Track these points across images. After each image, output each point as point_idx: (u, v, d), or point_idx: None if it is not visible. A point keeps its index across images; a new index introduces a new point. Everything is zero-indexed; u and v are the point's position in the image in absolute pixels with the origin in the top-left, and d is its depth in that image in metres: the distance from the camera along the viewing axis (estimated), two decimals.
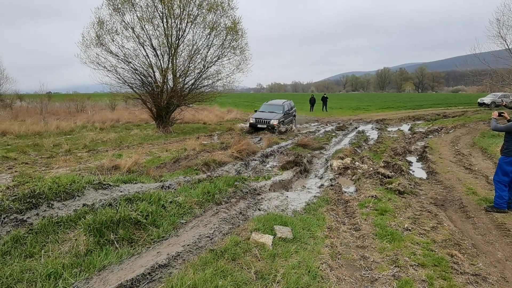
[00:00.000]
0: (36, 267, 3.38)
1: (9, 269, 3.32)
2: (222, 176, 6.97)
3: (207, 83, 17.31)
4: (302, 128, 19.22)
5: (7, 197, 4.31)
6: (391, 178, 7.44)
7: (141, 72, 15.83)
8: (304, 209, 5.91)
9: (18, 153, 10.09)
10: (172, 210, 4.92)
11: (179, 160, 9.14)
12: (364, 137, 14.84)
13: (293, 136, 15.46)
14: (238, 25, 16.80)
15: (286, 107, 18.37)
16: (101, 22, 14.89)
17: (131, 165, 7.88)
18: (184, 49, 16.22)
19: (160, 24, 15.34)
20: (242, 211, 5.45)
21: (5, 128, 14.56)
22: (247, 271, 3.57)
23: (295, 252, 4.09)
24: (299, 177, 8.57)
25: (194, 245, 4.08)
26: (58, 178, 5.10)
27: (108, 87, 16.04)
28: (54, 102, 30.74)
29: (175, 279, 3.26)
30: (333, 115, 28.45)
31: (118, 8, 14.87)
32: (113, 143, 12.63)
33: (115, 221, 4.10)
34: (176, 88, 16.19)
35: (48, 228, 3.97)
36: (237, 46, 17.07)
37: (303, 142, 12.29)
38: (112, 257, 3.63)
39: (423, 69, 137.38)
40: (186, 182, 6.52)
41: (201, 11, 15.85)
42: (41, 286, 3.12)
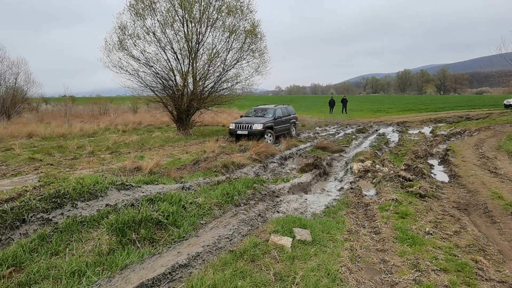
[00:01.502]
0: (61, 264, 3.49)
1: (36, 266, 3.44)
2: (240, 178, 7.00)
3: (226, 86, 17.46)
4: (321, 131, 19.06)
5: (34, 197, 4.47)
6: (412, 181, 7.29)
7: (162, 75, 16.11)
8: (323, 212, 5.87)
9: (43, 155, 10.44)
10: (192, 211, 4.98)
11: (199, 162, 9.23)
12: (384, 140, 14.60)
13: (312, 139, 15.35)
14: (257, 28, 16.87)
15: (280, 112, 15.51)
16: (123, 27, 15.26)
17: (152, 167, 8.02)
18: (204, 52, 16.41)
19: (180, 28, 15.59)
20: (260, 213, 5.45)
21: (32, 130, 15.09)
22: (266, 273, 3.57)
23: (314, 254, 4.06)
24: (318, 179, 8.50)
25: (213, 245, 4.11)
26: (82, 179, 5.25)
27: (130, 90, 16.43)
28: (78, 105, 31.65)
29: (195, 279, 3.30)
30: (353, 117, 28.12)
31: (139, 13, 15.20)
32: (135, 145, 12.89)
33: (137, 221, 4.19)
34: (196, 91, 16.39)
35: (72, 227, 4.09)
36: (256, 49, 17.15)
37: (323, 145, 12.20)
38: (133, 257, 3.71)
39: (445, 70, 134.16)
40: (206, 183, 6.58)
41: (220, 14, 16.00)
42: (66, 283, 3.22)
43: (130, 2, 15.11)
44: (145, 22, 15.29)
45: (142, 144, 13.06)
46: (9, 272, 3.34)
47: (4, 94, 21.80)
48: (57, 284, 3.21)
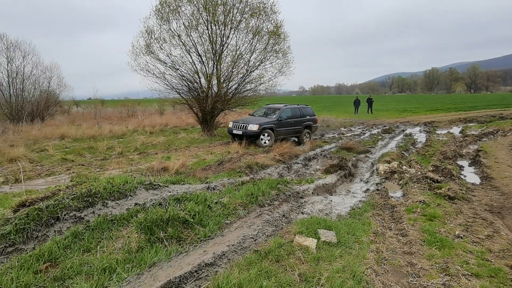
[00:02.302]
0: (93, 261, 3.63)
1: (70, 262, 3.60)
2: (264, 179, 7.03)
3: (250, 87, 17.53)
4: (346, 131, 18.81)
5: (67, 196, 4.66)
6: (440, 183, 7.08)
7: (187, 78, 16.39)
8: (349, 213, 5.80)
9: (75, 155, 10.86)
10: (218, 210, 5.06)
11: (223, 162, 9.33)
12: (411, 140, 14.24)
13: (336, 140, 15.18)
14: (280, 28, 16.86)
15: (287, 113, 14.05)
16: (150, 31, 15.63)
17: (178, 167, 8.18)
18: (228, 54, 16.56)
19: (205, 31, 15.81)
20: (285, 214, 5.46)
21: (64, 132, 15.70)
22: (291, 273, 3.58)
23: (340, 256, 4.03)
24: (343, 181, 8.41)
25: (238, 245, 4.16)
26: (112, 178, 5.44)
27: (157, 93, 16.79)
28: (107, 107, 32.67)
29: (221, 277, 3.35)
30: (379, 117, 27.57)
31: (165, 17, 15.54)
32: (162, 146, 13.17)
33: (165, 220, 4.30)
34: (220, 92, 16.56)
35: (103, 225, 4.25)
36: (279, 50, 17.13)
37: (348, 145, 12.05)
38: (161, 255, 3.81)
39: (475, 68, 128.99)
40: (230, 184, 6.66)
41: (244, 16, 16.11)
42: (97, 279, 3.35)
43: (156, 7, 15.47)
44: (171, 26, 15.61)
45: (169, 145, 13.33)
46: (45, 267, 3.52)
47: (38, 98, 22.80)
48: (89, 280, 3.35)
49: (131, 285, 3.27)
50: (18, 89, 21.65)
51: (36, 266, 3.50)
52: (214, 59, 16.16)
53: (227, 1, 15.60)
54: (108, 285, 3.27)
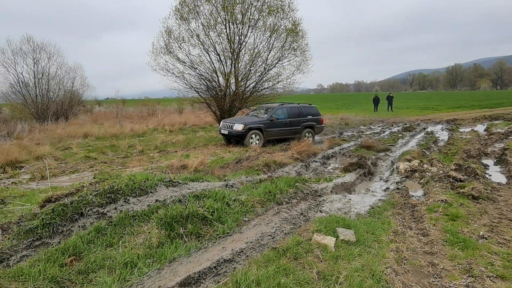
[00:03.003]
0: (115, 255, 3.74)
1: (93, 256, 3.71)
2: (282, 177, 7.03)
3: (268, 85, 17.56)
4: (365, 129, 18.56)
5: (90, 192, 4.80)
6: (463, 182, 6.90)
7: (206, 77, 16.56)
8: (368, 212, 5.74)
9: (98, 153, 11.16)
10: (236, 208, 5.10)
11: (241, 160, 9.38)
12: (433, 139, 13.91)
13: (355, 138, 14.99)
14: (298, 26, 16.80)
15: (280, 113, 13.20)
16: (169, 31, 15.88)
17: (197, 165, 8.29)
18: (246, 53, 16.64)
19: (223, 30, 15.92)
20: (303, 212, 5.45)
21: (87, 131, 16.14)
22: (309, 271, 3.58)
23: (358, 255, 4.00)
24: (362, 179, 8.31)
25: (256, 242, 4.19)
26: (134, 176, 5.56)
27: (176, 92, 17.07)
28: (128, 107, 33.34)
29: (239, 274, 3.39)
30: (399, 115, 27.06)
31: (184, 17, 15.73)
32: (181, 144, 13.36)
33: (184, 216, 4.38)
34: (238, 91, 16.66)
35: (125, 221, 4.36)
36: (297, 47, 17.08)
37: (367, 144, 11.89)
38: (181, 250, 3.88)
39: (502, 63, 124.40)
40: (248, 181, 6.69)
41: (261, 15, 16.13)
42: (119, 273, 3.44)
43: (176, 7, 15.69)
44: (190, 25, 15.82)
45: (188, 144, 13.51)
46: (70, 260, 3.64)
47: (63, 97, 23.53)
48: (112, 274, 3.44)
49: (151, 280, 3.35)
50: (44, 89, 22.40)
51: (61, 260, 3.63)
52: (232, 57, 16.26)
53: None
54: (129, 279, 3.36)
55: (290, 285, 3.28)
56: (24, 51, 21.67)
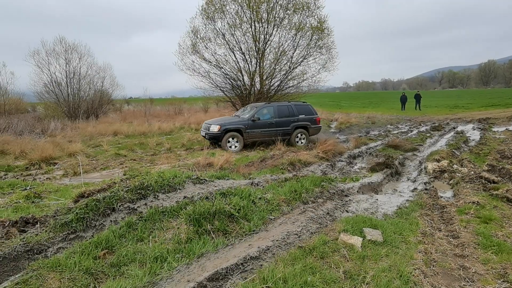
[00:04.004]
0: (146, 250, 3.86)
1: (125, 250, 3.85)
2: (308, 176, 7.01)
3: (292, 83, 17.52)
4: (392, 129, 18.16)
5: (122, 188, 4.97)
6: (497, 183, 6.63)
7: (231, 76, 16.73)
8: (395, 212, 5.63)
9: (127, 151, 11.51)
10: (261, 206, 5.14)
11: (266, 159, 9.41)
12: (463, 138, 13.42)
13: (382, 137, 14.70)
14: (324, 24, 16.65)
15: (265, 113, 12.25)
16: (196, 31, 16.14)
17: (223, 163, 8.39)
18: (271, 51, 16.67)
19: (248, 29, 16.01)
20: (329, 212, 5.42)
21: (117, 129, 16.65)
22: (335, 270, 3.57)
23: (386, 255, 3.94)
24: (389, 179, 8.15)
25: (282, 240, 4.21)
26: (162, 173, 5.72)
27: (202, 91, 17.36)
28: (155, 106, 34.08)
29: (266, 271, 3.42)
30: (427, 114, 26.28)
31: (210, 17, 15.93)
32: (207, 142, 13.53)
33: (212, 213, 4.46)
34: (263, 90, 16.71)
35: (155, 216, 4.49)
36: (323, 45, 16.96)
37: (394, 143, 11.64)
38: (209, 246, 3.96)
39: None
40: (273, 180, 6.72)
41: (287, 13, 16.10)
42: (149, 267, 3.55)
43: (202, 6, 15.91)
44: (215, 25, 16.02)
45: None
46: (103, 253, 3.79)
47: (93, 96, 24.36)
48: (143, 267, 3.56)
49: (181, 274, 3.44)
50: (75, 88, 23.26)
51: (95, 253, 3.78)
52: (257, 56, 16.33)
53: None
54: (159, 273, 3.46)
55: (317, 284, 3.28)
56: (57, 51, 22.61)
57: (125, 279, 3.37)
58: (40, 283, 3.24)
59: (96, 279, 3.43)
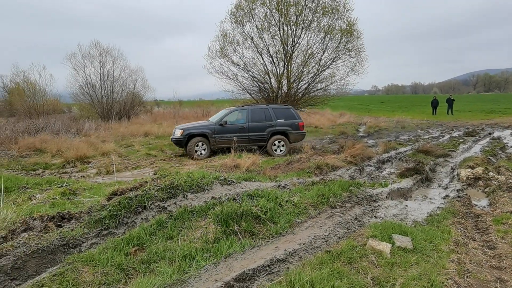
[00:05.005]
0: (175, 248, 3.95)
1: (155, 247, 3.95)
2: (336, 180, 6.94)
3: (320, 86, 17.41)
4: (423, 133, 17.64)
5: (153, 187, 5.12)
6: None
7: (258, 79, 16.86)
8: (425, 220, 5.48)
9: (157, 151, 11.83)
10: (288, 209, 5.14)
11: (292, 162, 9.39)
12: (500, 145, 12.83)
13: (412, 142, 14.30)
14: (353, 26, 16.46)
15: (235, 117, 11.48)
16: (224, 35, 16.38)
17: (249, 165, 8.46)
18: (299, 54, 16.68)
19: (276, 32, 16.08)
20: (357, 217, 5.34)
21: (147, 130, 17.12)
22: (363, 276, 3.52)
23: (416, 263, 3.84)
24: (419, 186, 7.94)
25: (309, 244, 4.20)
26: (191, 173, 5.85)
27: (230, 94, 17.60)
28: (184, 107, 34.74)
29: (293, 274, 3.42)
30: (461, 119, 25.34)
31: (239, 20, 16.12)
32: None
33: (239, 214, 4.51)
34: (290, 92, 16.71)
35: (184, 215, 4.59)
36: (352, 48, 16.78)
37: (425, 148, 11.30)
38: (236, 247, 4.01)
39: None
40: (300, 183, 6.70)
41: (315, 16, 16.04)
42: (178, 265, 3.64)
43: (231, 10, 16.14)
44: (244, 29, 16.22)
45: None
46: (134, 250, 3.91)
47: (125, 98, 25.19)
48: (172, 265, 3.65)
49: (208, 273, 3.50)
50: (108, 90, 24.15)
51: (126, 249, 3.90)
52: (285, 59, 16.35)
53: (299, 1, 15.67)
54: (188, 271, 3.53)
55: None
56: (92, 55, 23.57)
57: (155, 276, 3.46)
58: (75, 276, 3.39)
59: (127, 275, 3.55)
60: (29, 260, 3.58)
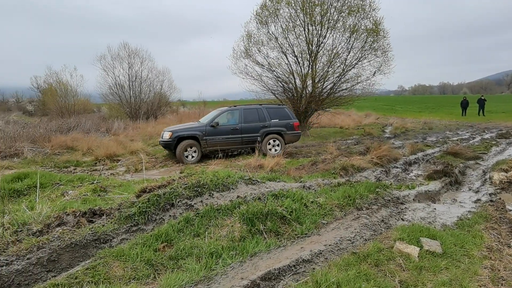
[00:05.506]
0: (202, 245, 4.03)
1: (182, 244, 4.05)
2: (362, 182, 6.85)
3: (346, 86, 17.16)
4: (452, 135, 17.09)
5: (180, 185, 5.23)
6: None
7: (283, 79, 16.83)
8: (455, 224, 5.32)
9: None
10: (314, 209, 5.13)
11: (317, 163, 9.33)
12: None
13: (441, 143, 13.89)
14: (379, 26, 16.14)
15: (228, 117, 11.08)
16: (249, 35, 16.46)
17: (273, 165, 8.49)
18: (324, 54, 16.50)
19: (301, 32, 16.00)
20: (384, 219, 5.26)
21: None
22: (390, 279, 3.47)
23: (446, 268, 3.75)
24: (448, 189, 7.71)
25: (335, 245, 4.18)
26: (217, 172, 5.95)
27: (254, 94, 17.65)
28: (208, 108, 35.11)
29: (319, 274, 3.42)
30: (493, 120, 24.34)
31: (263, 21, 16.17)
32: None
33: (264, 214, 4.55)
34: (315, 92, 16.57)
35: (210, 213, 4.67)
36: (378, 48, 16.42)
37: (454, 150, 10.95)
38: (261, 246, 4.05)
39: None
40: (325, 184, 6.66)
41: (341, 15, 15.85)
42: (205, 262, 3.71)
43: (257, 11, 16.20)
44: (269, 29, 16.21)
45: None
46: (162, 246, 4.03)
47: (152, 99, 25.81)
48: (199, 262, 3.73)
49: (235, 271, 3.56)
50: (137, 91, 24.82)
51: (155, 245, 4.03)
52: (310, 59, 16.25)
53: (325, 1, 15.54)
54: (215, 269, 3.60)
55: None
56: (121, 56, 24.31)
57: (183, 272, 3.55)
58: (107, 270, 3.53)
59: (156, 270, 3.66)
60: (63, 253, 3.76)
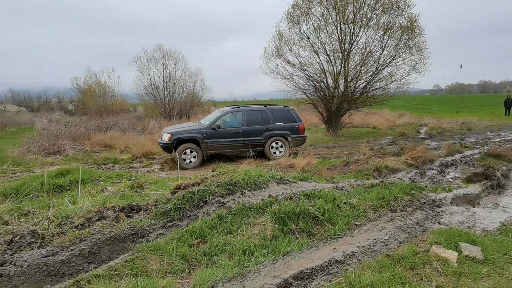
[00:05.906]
0: (234, 242, 4.11)
1: (216, 240, 4.15)
2: (396, 183, 6.70)
3: (379, 85, 16.74)
4: (493, 136, 16.27)
5: (213, 183, 5.35)
6: None
7: (314, 78, 16.67)
8: (498, 229, 5.09)
9: None
10: (347, 211, 5.08)
11: (349, 163, 9.19)
12: None
13: (480, 145, 13.26)
14: (415, 23, 15.61)
15: (231, 119, 10.56)
16: (280, 35, 16.44)
17: (304, 165, 8.45)
18: (357, 53, 16.18)
19: (333, 31, 15.79)
20: (419, 222, 5.13)
21: None
22: (427, 283, 3.39)
23: (487, 275, 3.61)
24: (489, 192, 7.37)
25: (368, 247, 4.12)
26: (249, 171, 6.01)
27: (285, 93, 17.61)
28: None
29: (352, 275, 3.39)
30: None
31: (295, 20, 16.10)
32: None
33: (296, 213, 4.57)
34: (347, 92, 16.30)
35: (242, 211, 4.75)
36: (413, 45, 15.88)
37: (496, 152, 10.41)
38: (293, 245, 4.07)
39: None
40: (358, 185, 6.57)
41: (374, 13, 15.49)
42: (238, 259, 3.78)
43: (288, 11, 16.16)
44: (300, 28, 16.11)
45: None
46: (197, 242, 4.14)
47: (185, 99, 26.42)
48: (232, 259, 3.81)
49: (267, 269, 3.60)
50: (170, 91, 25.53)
51: (190, 241, 4.15)
52: (342, 58, 16.00)
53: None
54: (247, 266, 3.66)
55: None
56: (156, 58, 25.08)
57: (216, 268, 3.64)
58: (144, 264, 3.68)
59: (190, 265, 3.77)
60: (103, 246, 3.95)
